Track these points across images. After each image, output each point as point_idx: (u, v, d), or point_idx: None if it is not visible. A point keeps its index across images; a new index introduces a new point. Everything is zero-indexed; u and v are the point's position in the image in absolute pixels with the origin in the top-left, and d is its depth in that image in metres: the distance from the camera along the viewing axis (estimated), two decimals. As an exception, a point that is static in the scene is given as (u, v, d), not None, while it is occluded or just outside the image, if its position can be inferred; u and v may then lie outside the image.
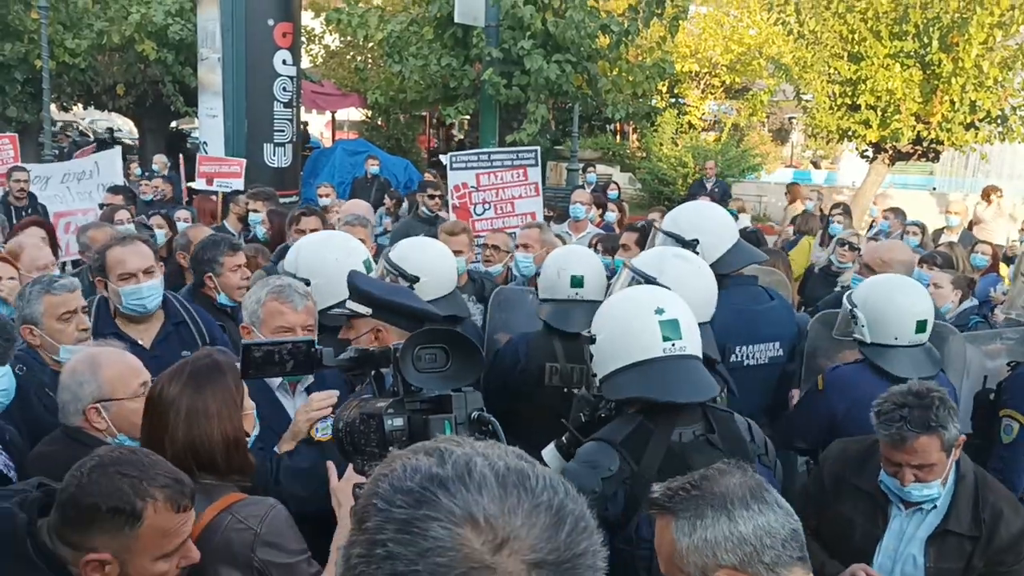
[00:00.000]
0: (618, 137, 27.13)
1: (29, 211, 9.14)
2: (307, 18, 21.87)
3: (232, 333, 4.11)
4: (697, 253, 3.66)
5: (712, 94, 25.74)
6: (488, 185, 7.05)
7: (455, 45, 14.49)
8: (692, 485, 1.83)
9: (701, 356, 2.70)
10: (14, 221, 8.70)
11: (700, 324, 2.81)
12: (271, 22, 14.29)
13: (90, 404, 2.63)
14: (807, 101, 16.54)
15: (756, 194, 21.43)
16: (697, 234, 3.73)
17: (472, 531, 0.89)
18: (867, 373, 3.52)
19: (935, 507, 2.87)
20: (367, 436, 1.80)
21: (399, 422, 1.75)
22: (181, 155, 14.54)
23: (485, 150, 9.12)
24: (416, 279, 3.82)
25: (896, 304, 3.55)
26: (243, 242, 4.66)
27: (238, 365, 2.79)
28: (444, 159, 8.15)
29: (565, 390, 3.56)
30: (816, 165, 29.54)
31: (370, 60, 22.78)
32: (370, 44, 17.51)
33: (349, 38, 20.66)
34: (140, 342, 3.86)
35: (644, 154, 23.63)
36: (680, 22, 14.81)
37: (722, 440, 2.60)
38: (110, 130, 30.73)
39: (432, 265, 3.96)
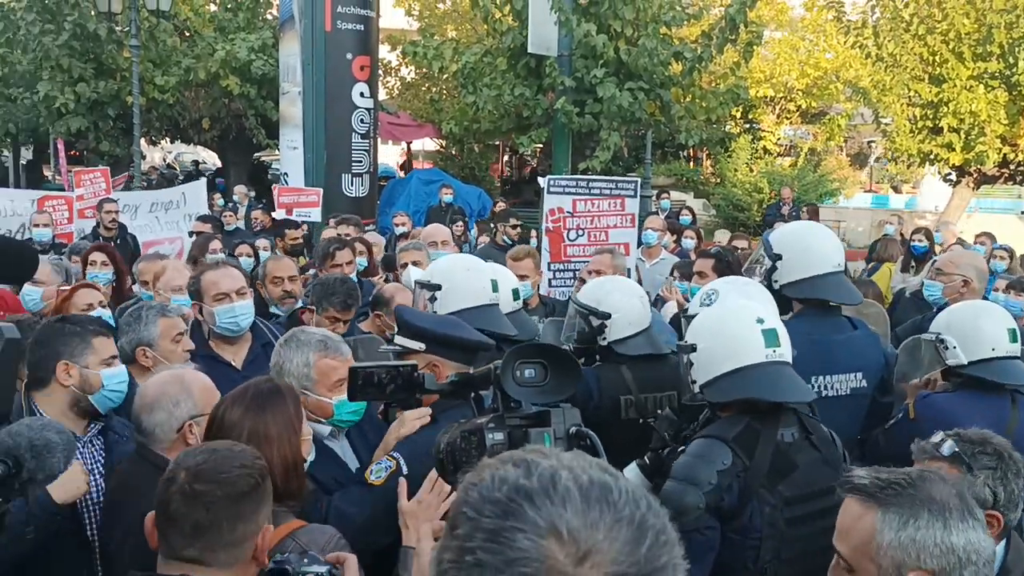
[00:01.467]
0: (691, 163, 26.97)
1: (118, 241, 9.46)
2: (384, 51, 22.38)
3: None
4: (776, 268, 3.69)
5: (788, 119, 25.42)
6: (584, 212, 6.96)
7: (528, 75, 14.64)
8: (907, 483, 1.85)
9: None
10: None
11: None
12: (350, 56, 14.67)
13: (187, 420, 2.70)
14: (886, 124, 16.23)
15: (834, 219, 21.02)
16: (781, 251, 3.73)
17: (556, 543, 0.93)
18: (964, 400, 3.44)
19: None
20: (468, 453, 1.84)
21: (499, 436, 1.80)
22: (275, 187, 14.97)
23: (584, 176, 9.05)
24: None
25: (984, 316, 3.56)
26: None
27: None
28: (542, 181, 8.11)
29: (641, 421, 3.56)
30: (896, 189, 28.91)
31: (444, 91, 23.16)
32: (445, 75, 17.80)
33: (424, 70, 21.05)
34: (232, 363, 4.01)
35: (718, 180, 23.45)
36: (754, 48, 14.71)
37: (820, 442, 2.80)
38: (195, 163, 31.76)
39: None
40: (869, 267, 9.98)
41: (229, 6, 20.05)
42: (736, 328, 2.85)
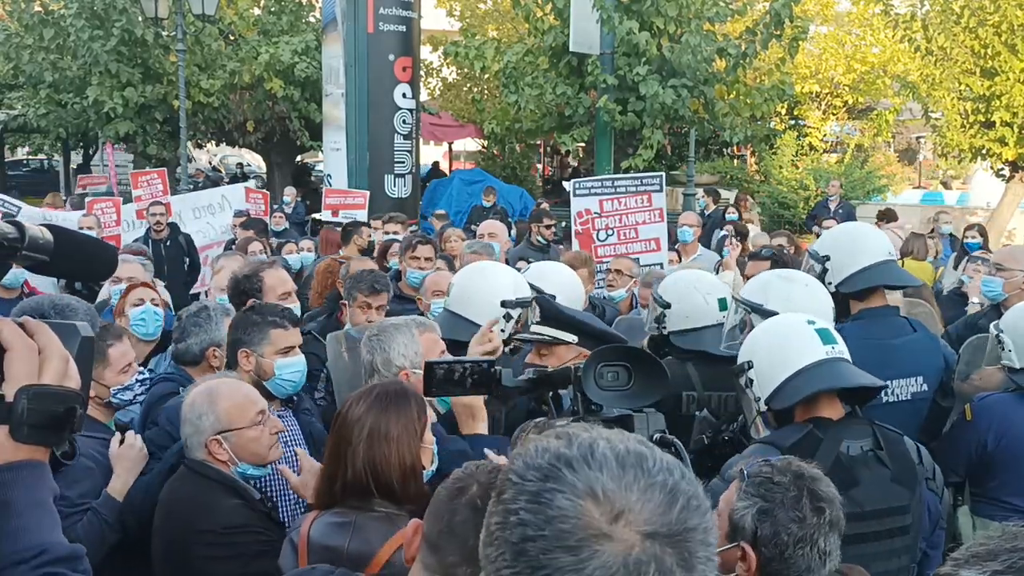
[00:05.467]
0: (736, 161, 26.68)
1: (168, 243, 9.53)
2: (425, 52, 22.43)
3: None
4: (827, 270, 3.61)
5: (834, 115, 25.04)
6: (611, 211, 6.96)
7: (570, 74, 14.59)
8: None
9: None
10: (161, 254, 9.15)
11: None
12: (392, 57, 14.74)
13: (211, 436, 2.69)
14: (936, 119, 15.90)
15: (882, 216, 20.67)
16: (828, 251, 3.66)
17: (592, 503, 1.00)
18: (1020, 401, 3.35)
19: None
20: None
21: None
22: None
23: (609, 176, 9.03)
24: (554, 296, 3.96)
25: None
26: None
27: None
28: (567, 185, 8.16)
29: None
30: (947, 186, 28.32)
31: (487, 91, 23.17)
32: (487, 75, 17.81)
33: (466, 70, 21.07)
34: None
35: (763, 177, 23.15)
36: (800, 43, 14.49)
37: (890, 458, 2.61)
38: (240, 165, 32.16)
39: (566, 286, 4.05)
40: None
41: (273, 9, 20.24)
42: (789, 333, 2.75)
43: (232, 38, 20.13)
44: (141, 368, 3.32)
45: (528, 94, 14.52)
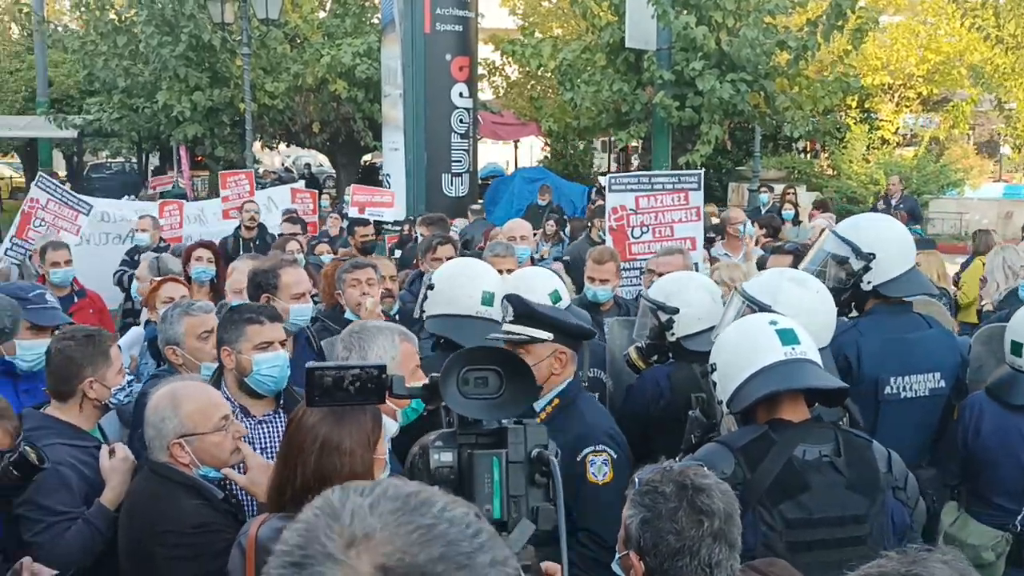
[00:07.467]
0: (808, 155, 26.10)
1: (257, 242, 9.60)
2: (488, 51, 22.51)
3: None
4: (870, 268, 3.47)
5: (908, 107, 24.28)
6: (647, 208, 6.78)
7: (628, 70, 14.48)
8: None
9: (821, 365, 2.68)
10: (245, 252, 9.29)
11: (820, 349, 2.76)
12: (449, 57, 14.83)
13: (173, 440, 2.69)
14: (1010, 110, 15.30)
15: (956, 211, 19.97)
16: (877, 249, 3.48)
17: (331, 520, 0.89)
18: (999, 404, 3.28)
19: None
20: (420, 471, 1.62)
21: (447, 457, 1.57)
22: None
23: (646, 172, 8.88)
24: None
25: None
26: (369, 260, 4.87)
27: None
28: (603, 180, 8.06)
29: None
30: (1030, 178, 27.23)
31: (550, 89, 23.14)
32: (548, 74, 17.79)
33: (527, 68, 21.09)
34: None
35: (834, 172, 22.60)
36: (865, 33, 14.07)
37: (849, 466, 2.51)
38: (307, 165, 32.74)
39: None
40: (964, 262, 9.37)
41: (337, 12, 20.55)
42: (749, 335, 2.69)
43: (298, 41, 20.50)
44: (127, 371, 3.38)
45: (584, 91, 14.45)
